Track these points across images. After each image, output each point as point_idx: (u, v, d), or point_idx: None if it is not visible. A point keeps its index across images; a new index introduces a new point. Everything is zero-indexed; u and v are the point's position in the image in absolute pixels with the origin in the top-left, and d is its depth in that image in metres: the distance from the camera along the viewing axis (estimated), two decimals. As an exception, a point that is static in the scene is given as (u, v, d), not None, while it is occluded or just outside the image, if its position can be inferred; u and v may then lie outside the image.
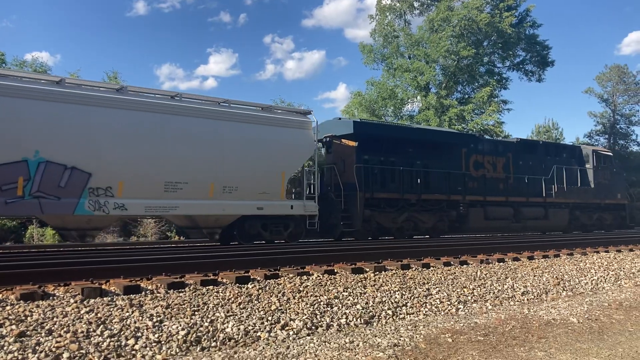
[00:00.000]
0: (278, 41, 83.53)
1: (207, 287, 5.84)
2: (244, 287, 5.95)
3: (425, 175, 16.25)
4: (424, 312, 6.02)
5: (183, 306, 5.10)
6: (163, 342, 4.36)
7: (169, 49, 79.23)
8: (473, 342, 4.79)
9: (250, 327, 4.86)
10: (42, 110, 10.10)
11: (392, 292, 6.42)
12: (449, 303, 6.40)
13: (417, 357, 4.32)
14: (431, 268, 8.12)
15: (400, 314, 5.85)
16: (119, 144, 10.83)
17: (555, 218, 19.71)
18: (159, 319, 4.74)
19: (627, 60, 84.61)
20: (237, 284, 6.09)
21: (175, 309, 5.00)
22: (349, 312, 5.57)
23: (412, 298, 6.33)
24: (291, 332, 4.92)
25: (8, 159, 9.73)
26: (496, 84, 32.44)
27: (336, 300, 5.84)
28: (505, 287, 7.40)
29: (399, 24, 34.29)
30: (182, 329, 4.58)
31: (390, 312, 5.82)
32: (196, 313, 4.98)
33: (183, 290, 5.68)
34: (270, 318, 5.10)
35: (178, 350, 4.29)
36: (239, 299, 5.50)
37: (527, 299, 7.07)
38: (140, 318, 4.70)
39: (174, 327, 4.61)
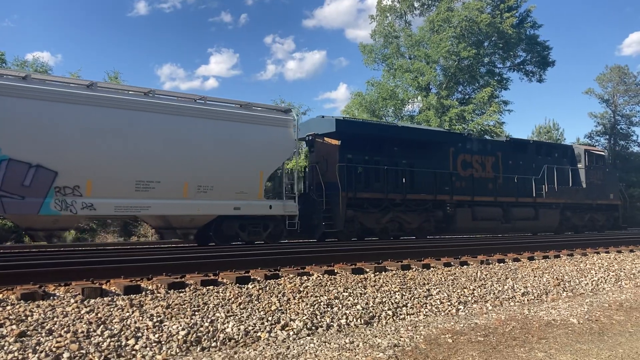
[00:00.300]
0: (279, 41, 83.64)
1: (208, 287, 5.85)
2: (244, 287, 5.95)
3: (411, 175, 15.97)
4: (424, 312, 6.03)
5: (183, 306, 5.11)
6: (163, 342, 4.36)
7: (170, 49, 79.39)
8: (473, 342, 4.79)
9: (250, 328, 4.86)
10: (5, 106, 9.81)
11: (392, 292, 6.42)
12: (449, 304, 6.40)
13: (417, 357, 4.32)
14: (431, 269, 8.12)
15: (401, 314, 5.85)
16: (88, 142, 10.52)
17: (545, 218, 19.37)
18: (159, 319, 4.74)
19: (628, 61, 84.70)
20: (238, 284, 6.09)
21: (175, 309, 5.01)
22: (349, 313, 5.58)
23: (413, 298, 6.34)
24: (291, 333, 4.92)
25: None
26: (497, 84, 32.39)
27: (336, 301, 5.85)
28: (506, 287, 7.41)
29: (400, 24, 34.30)
30: (183, 329, 4.59)
31: (390, 312, 5.82)
32: (196, 313, 4.99)
33: (183, 290, 5.69)
34: (270, 318, 5.11)
35: (178, 351, 4.30)
36: (239, 299, 5.51)
37: (528, 300, 7.07)
38: (141, 318, 4.71)
39: (174, 327, 4.62)
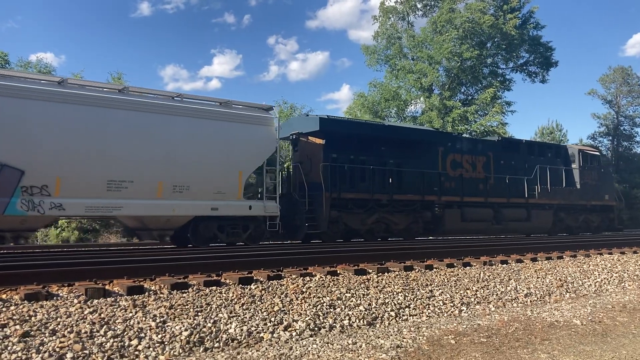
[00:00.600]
0: (282, 42, 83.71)
1: (210, 288, 5.85)
2: (247, 288, 5.95)
3: (398, 175, 15.65)
4: (427, 313, 6.02)
5: (186, 307, 5.12)
6: (166, 342, 4.37)
7: (173, 49, 79.51)
8: (476, 343, 4.79)
9: (253, 328, 4.87)
10: None
11: (395, 293, 6.42)
12: (452, 305, 6.39)
13: (420, 358, 4.32)
14: (434, 270, 8.11)
15: (403, 315, 5.85)
16: (57, 140, 10.23)
17: (538, 220, 18.98)
18: (162, 319, 4.75)
19: (632, 61, 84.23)
20: (240, 285, 6.10)
21: (178, 310, 5.01)
22: (352, 314, 5.58)
23: (415, 299, 6.33)
24: (294, 333, 4.93)
25: None
26: (499, 85, 32.42)
27: (339, 302, 5.85)
28: (509, 288, 7.39)
29: (402, 25, 34.32)
30: (185, 330, 4.59)
31: (393, 313, 5.82)
32: (199, 314, 4.99)
33: (186, 290, 5.69)
34: (273, 319, 5.11)
35: (181, 351, 4.31)
36: (242, 299, 5.51)
37: (531, 301, 7.06)
38: (144, 318, 4.72)
39: (177, 327, 4.63)
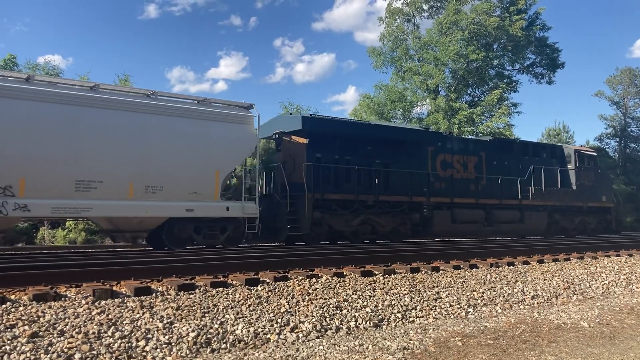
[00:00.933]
0: (288, 44, 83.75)
1: (217, 289, 5.87)
2: (253, 289, 5.97)
3: (385, 175, 15.30)
4: (434, 315, 6.01)
5: (193, 308, 5.13)
6: (173, 343, 4.39)
7: (180, 52, 79.65)
8: (483, 345, 4.78)
9: (259, 329, 4.88)
10: None
11: (401, 295, 6.42)
12: (458, 306, 6.38)
13: (426, 360, 4.32)
14: (441, 271, 8.10)
15: (410, 317, 5.84)
16: (21, 138, 9.95)
17: (532, 221, 18.54)
18: (169, 320, 4.77)
19: (639, 63, 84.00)
20: (247, 286, 6.11)
21: (185, 311, 5.03)
22: (359, 315, 5.58)
23: (422, 301, 6.32)
24: (300, 335, 4.93)
25: None
26: (506, 86, 32.33)
27: (345, 303, 5.85)
28: (515, 290, 7.37)
29: (408, 27, 34.30)
30: (192, 331, 4.61)
31: (399, 315, 5.81)
32: (206, 315, 5.01)
33: (193, 292, 5.71)
34: (279, 320, 5.12)
35: (188, 352, 4.32)
36: (248, 301, 5.52)
37: (537, 303, 7.04)
38: (151, 319, 4.73)
39: (184, 328, 4.64)
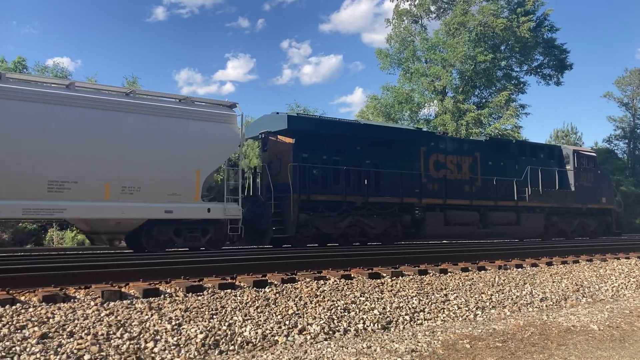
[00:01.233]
0: (295, 46, 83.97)
1: (225, 291, 5.87)
2: (261, 291, 5.97)
3: (375, 176, 14.93)
4: (442, 317, 5.99)
5: (201, 309, 5.15)
6: (182, 345, 4.40)
7: (187, 54, 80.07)
8: (491, 348, 4.75)
9: (267, 331, 4.88)
10: None
11: (409, 297, 6.40)
12: (466, 309, 6.36)
13: (435, 363, 4.30)
14: (449, 274, 8.07)
15: (418, 319, 5.83)
16: None
17: (528, 223, 18.06)
18: (177, 322, 4.78)
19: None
20: (255, 288, 6.12)
21: (193, 313, 5.05)
22: (366, 317, 5.57)
23: (430, 304, 6.31)
24: (308, 337, 4.93)
25: None
26: (514, 88, 32.19)
27: (353, 305, 5.84)
28: (524, 293, 7.33)
29: (416, 28, 34.26)
30: (201, 332, 4.62)
31: (407, 317, 5.80)
32: (214, 316, 5.02)
33: (201, 293, 5.72)
34: (287, 322, 5.12)
35: (196, 354, 4.33)
36: (256, 302, 5.53)
37: (546, 305, 7.00)
38: (159, 321, 4.75)
39: (192, 330, 4.66)
